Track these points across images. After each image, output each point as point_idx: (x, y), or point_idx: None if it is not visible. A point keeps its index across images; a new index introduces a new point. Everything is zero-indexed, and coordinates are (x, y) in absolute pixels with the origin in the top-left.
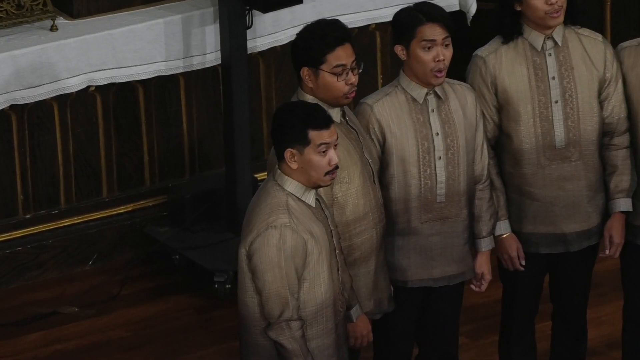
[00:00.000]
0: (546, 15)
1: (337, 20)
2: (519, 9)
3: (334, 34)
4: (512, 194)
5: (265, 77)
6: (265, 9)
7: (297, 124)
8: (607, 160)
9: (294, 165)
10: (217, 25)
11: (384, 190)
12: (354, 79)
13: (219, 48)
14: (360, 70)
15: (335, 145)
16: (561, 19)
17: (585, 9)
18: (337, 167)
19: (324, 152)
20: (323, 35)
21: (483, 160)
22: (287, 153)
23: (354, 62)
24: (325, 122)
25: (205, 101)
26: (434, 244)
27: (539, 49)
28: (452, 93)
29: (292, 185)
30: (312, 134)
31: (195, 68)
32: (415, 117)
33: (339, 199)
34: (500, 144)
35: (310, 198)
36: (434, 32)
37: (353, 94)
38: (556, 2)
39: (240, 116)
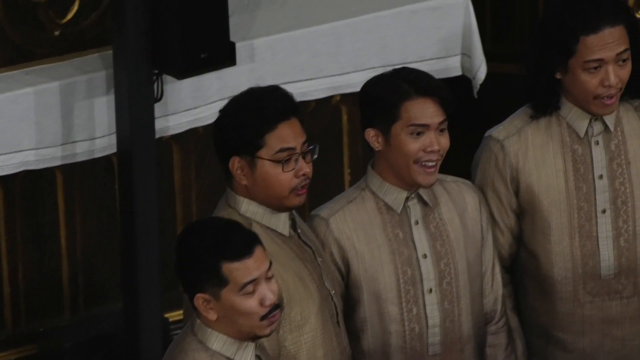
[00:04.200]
0: (596, 101)
1: (278, 87)
2: (559, 77)
3: (275, 104)
4: (535, 339)
5: (181, 171)
6: (182, 74)
7: (205, 256)
8: None
9: (212, 316)
10: (112, 97)
11: (354, 341)
12: (306, 168)
13: (114, 130)
14: (316, 156)
15: (270, 277)
16: (615, 106)
17: None
18: (277, 307)
19: (251, 292)
20: (259, 108)
21: (495, 289)
22: (198, 300)
23: (306, 145)
24: (245, 246)
25: (94, 206)
26: None
27: (582, 134)
28: (445, 195)
29: (218, 342)
30: (228, 268)
31: (79, 159)
32: (392, 233)
33: (289, 349)
34: (521, 265)
35: (247, 357)
36: (426, 112)
37: (304, 190)
38: (616, 84)
39: (145, 228)
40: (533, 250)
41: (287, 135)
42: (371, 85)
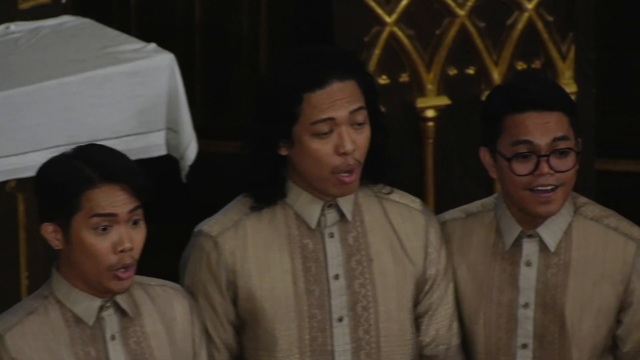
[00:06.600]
0: (333, 177)
1: None
2: (284, 153)
3: None
4: None
5: None
6: None
7: None
8: None
9: None
10: None
11: None
12: None
13: None
14: None
15: None
16: (355, 186)
17: (398, 163)
18: None
19: None
20: None
21: None
22: None
23: None
24: None
25: None
26: None
27: (314, 225)
28: (148, 302)
29: None
30: None
31: None
32: (83, 352)
33: None
34: None
35: None
36: (113, 200)
37: None
38: (352, 151)
39: None
40: None
41: None
42: (46, 169)
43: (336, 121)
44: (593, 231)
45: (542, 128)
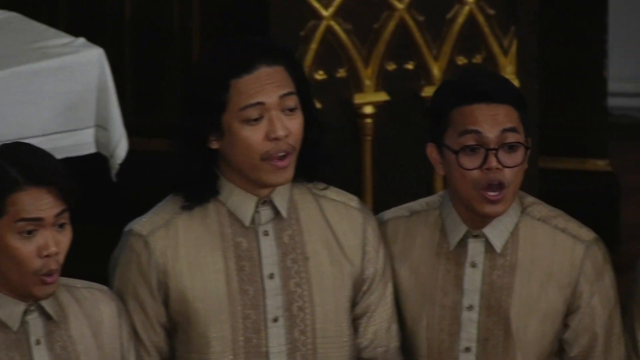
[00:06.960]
0: (265, 164)
1: None
2: (215, 146)
3: None
4: None
5: None
6: None
7: None
8: None
9: None
10: None
11: None
12: None
13: None
14: None
15: None
16: (290, 172)
17: (334, 159)
18: None
19: None
20: None
21: None
22: None
23: None
24: None
25: None
26: None
27: (247, 223)
28: (74, 305)
29: None
30: None
31: None
32: (7, 356)
33: None
34: None
35: None
36: (39, 204)
37: None
38: (284, 135)
39: None
40: None
41: None
42: None
43: (266, 106)
44: (540, 232)
45: (491, 120)
